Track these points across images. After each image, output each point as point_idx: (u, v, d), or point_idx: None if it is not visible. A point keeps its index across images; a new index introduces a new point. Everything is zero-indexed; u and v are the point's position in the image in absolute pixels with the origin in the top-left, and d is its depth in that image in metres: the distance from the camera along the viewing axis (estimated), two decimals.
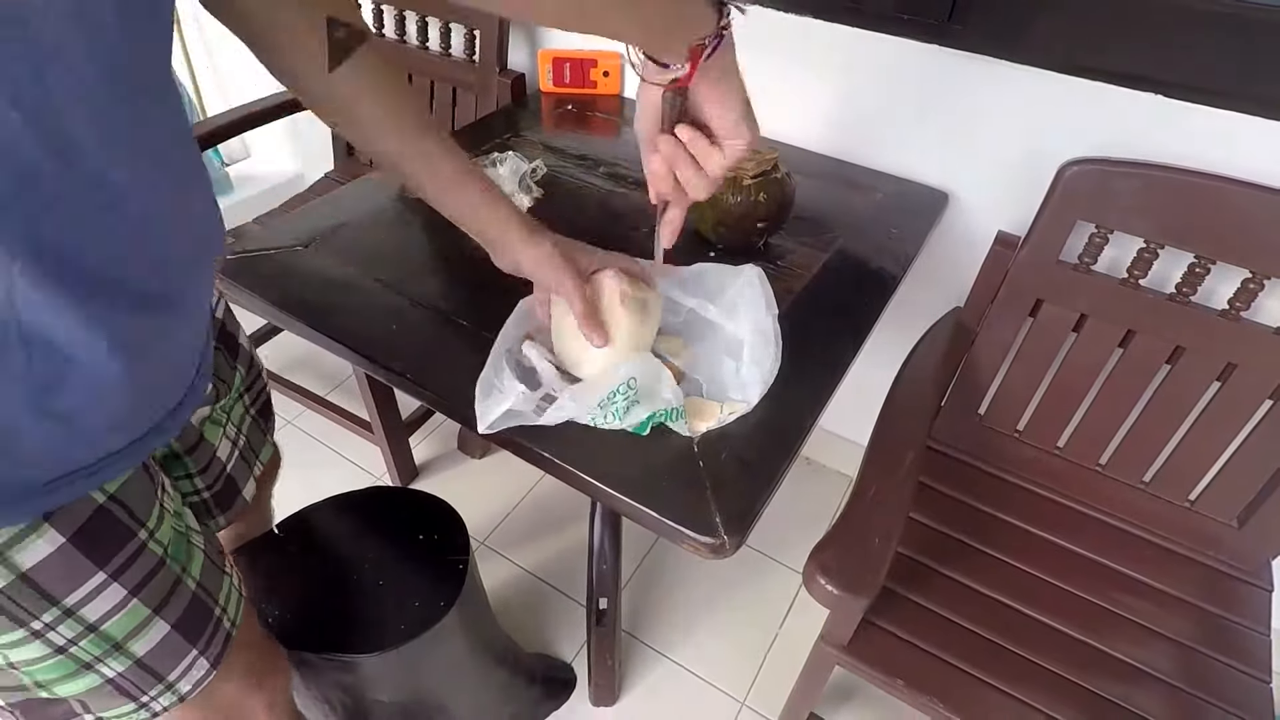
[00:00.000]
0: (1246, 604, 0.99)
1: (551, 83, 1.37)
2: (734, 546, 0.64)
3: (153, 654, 0.57)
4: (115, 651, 0.55)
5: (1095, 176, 0.93)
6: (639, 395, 0.69)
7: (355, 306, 0.86)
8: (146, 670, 0.57)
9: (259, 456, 0.83)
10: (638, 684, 1.30)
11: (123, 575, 0.53)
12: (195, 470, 0.73)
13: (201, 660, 0.61)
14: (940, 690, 0.88)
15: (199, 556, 0.62)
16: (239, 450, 0.78)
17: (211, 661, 0.62)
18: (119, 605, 0.54)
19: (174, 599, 0.58)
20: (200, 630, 0.61)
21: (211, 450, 0.74)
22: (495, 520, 1.54)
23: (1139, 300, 0.97)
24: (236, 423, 0.78)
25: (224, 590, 0.65)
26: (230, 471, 0.77)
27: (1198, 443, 1.01)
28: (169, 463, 0.71)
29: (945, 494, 1.10)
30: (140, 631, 0.55)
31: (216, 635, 0.63)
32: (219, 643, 0.63)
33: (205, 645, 0.61)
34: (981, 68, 1.02)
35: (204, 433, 0.72)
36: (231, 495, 0.79)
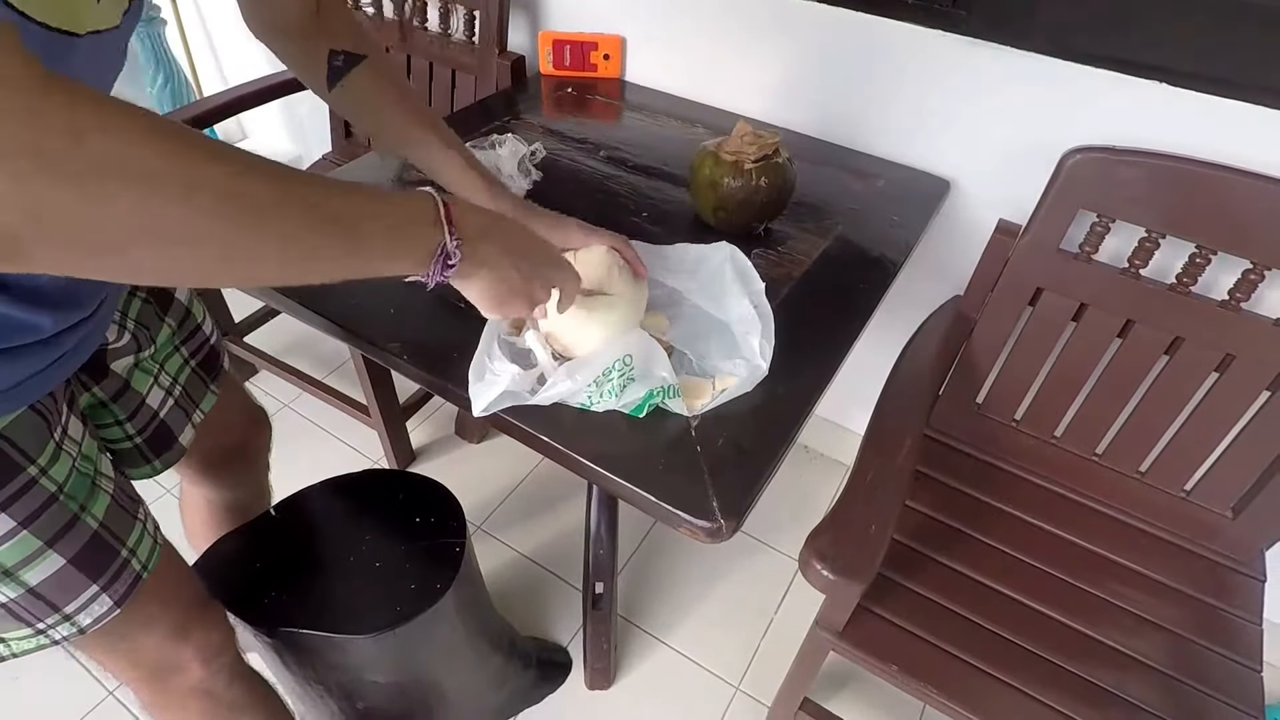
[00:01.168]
0: (1239, 594, 0.99)
1: (551, 65, 1.36)
2: (730, 531, 0.64)
3: (46, 584, 0.59)
4: (5, 578, 0.57)
5: (1098, 165, 0.92)
6: (635, 373, 0.69)
7: (353, 289, 0.85)
8: (40, 599, 0.59)
9: (199, 405, 0.84)
10: (633, 668, 1.31)
11: (10, 507, 0.55)
12: (124, 417, 0.75)
13: (104, 596, 0.63)
14: (934, 676, 0.88)
15: (103, 499, 0.63)
16: (174, 399, 0.80)
17: (115, 599, 0.64)
18: (7, 535, 0.56)
19: (70, 535, 0.59)
20: (101, 567, 0.62)
21: (139, 398, 0.76)
22: (492, 504, 1.54)
23: (1139, 290, 0.97)
24: (172, 373, 0.80)
25: (134, 534, 0.66)
26: (164, 418, 0.79)
27: (1195, 433, 1.01)
28: (94, 411, 0.73)
29: (942, 482, 1.10)
30: (31, 562, 0.58)
31: (122, 575, 0.64)
32: (124, 582, 0.65)
33: (108, 582, 0.63)
34: (985, 54, 1.02)
35: (130, 381, 0.75)
36: (167, 441, 0.81)
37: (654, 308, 0.82)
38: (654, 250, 0.84)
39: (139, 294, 0.75)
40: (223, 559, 0.92)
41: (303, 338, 1.86)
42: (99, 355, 0.70)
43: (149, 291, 0.76)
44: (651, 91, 1.35)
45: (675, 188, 1.07)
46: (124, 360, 0.74)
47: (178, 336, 0.80)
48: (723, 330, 0.78)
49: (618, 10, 1.31)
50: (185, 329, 0.82)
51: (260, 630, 0.86)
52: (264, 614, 0.86)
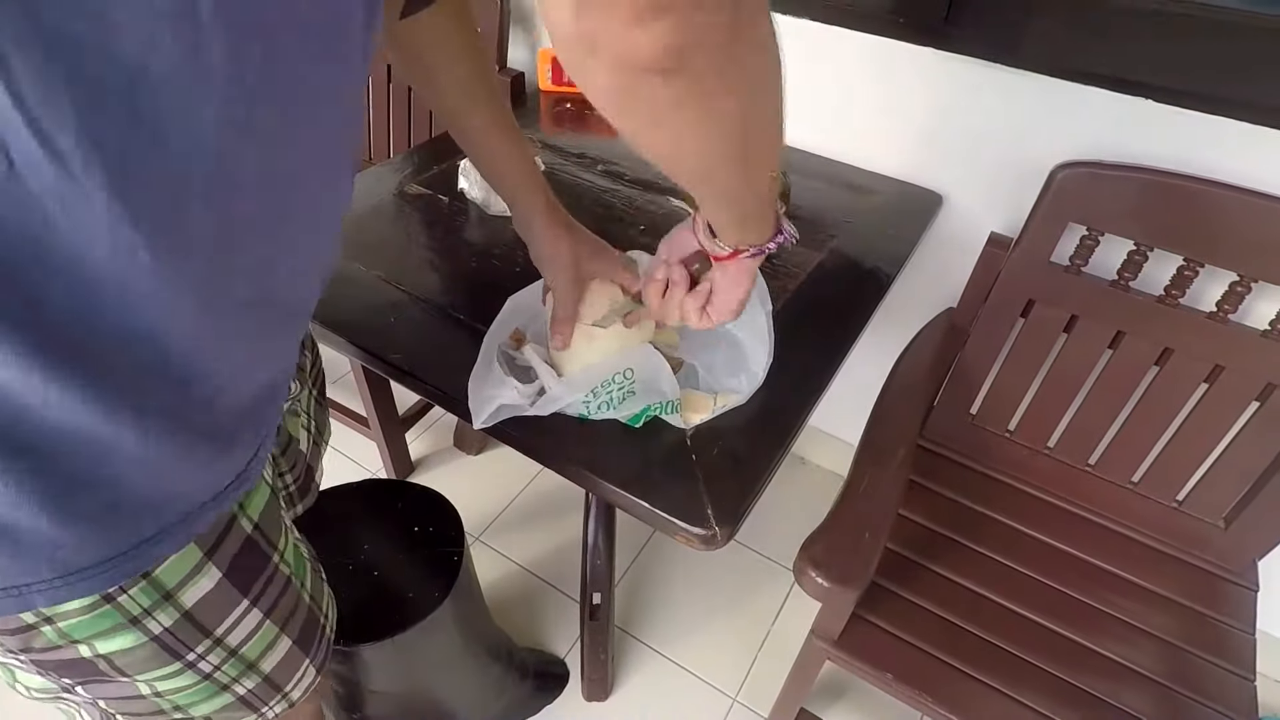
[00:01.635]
0: (1232, 603, 1.00)
1: (551, 81, 1.38)
2: (725, 538, 0.65)
3: (277, 669, 0.58)
4: (249, 671, 0.56)
5: (1087, 179, 0.94)
6: (635, 387, 0.70)
7: (354, 300, 0.86)
8: (270, 685, 0.59)
9: (324, 436, 0.82)
10: (630, 679, 1.31)
11: (261, 599, 0.55)
12: (287, 468, 0.73)
13: (310, 667, 0.63)
14: (929, 685, 0.89)
15: (308, 568, 0.63)
16: (311, 436, 0.78)
17: (318, 667, 0.64)
18: (256, 628, 0.55)
19: (295, 615, 0.59)
20: (311, 639, 0.62)
21: (297, 444, 0.74)
22: (490, 516, 1.55)
23: (1129, 302, 0.98)
24: (307, 409, 0.77)
25: (325, 597, 0.66)
26: (310, 461, 0.78)
27: (1186, 444, 1.02)
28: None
29: (936, 492, 1.11)
30: (269, 650, 0.57)
31: (323, 641, 0.64)
32: (324, 648, 0.65)
33: (314, 652, 0.63)
34: (975, 71, 1.04)
35: (288, 427, 0.72)
36: (309, 483, 0.79)
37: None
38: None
39: None
40: None
41: None
42: None
43: None
44: None
45: (672, 201, 1.08)
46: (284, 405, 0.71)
47: (312, 368, 0.77)
48: (732, 343, 0.79)
49: None
50: (313, 355, 0.78)
51: None
52: None
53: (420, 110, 1.46)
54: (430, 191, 1.07)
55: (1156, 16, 0.90)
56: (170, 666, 0.51)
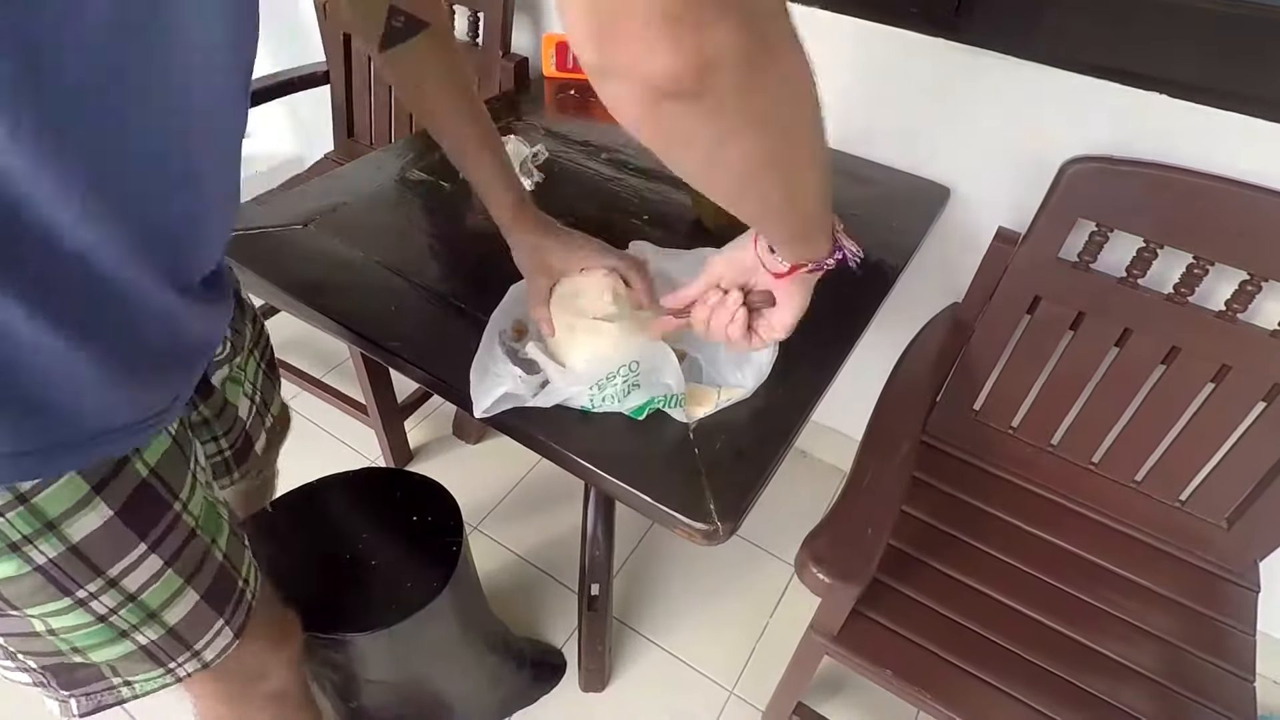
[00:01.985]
0: (1233, 604, 1.00)
1: (554, 67, 1.37)
2: (727, 533, 0.64)
3: (183, 623, 0.58)
4: (150, 620, 0.56)
5: (1097, 175, 0.93)
6: (640, 379, 0.69)
7: (354, 287, 0.85)
8: (177, 639, 0.59)
9: (270, 409, 0.83)
10: (627, 670, 1.31)
11: (160, 546, 0.54)
12: (220, 433, 0.74)
13: (226, 629, 0.63)
14: (928, 682, 0.89)
15: (225, 528, 0.63)
16: (255, 404, 0.79)
17: (235, 631, 0.64)
18: (155, 575, 0.55)
19: (203, 569, 0.59)
20: (225, 600, 0.62)
21: (235, 411, 0.75)
22: (489, 505, 1.54)
23: (1137, 300, 0.97)
24: (252, 378, 0.78)
25: (245, 561, 0.65)
26: (249, 429, 0.78)
27: (1190, 443, 1.01)
28: (198, 429, 0.71)
29: (938, 488, 1.10)
30: (173, 601, 0.57)
31: (240, 605, 0.64)
32: (242, 612, 0.64)
33: (230, 615, 0.63)
34: (986, 63, 1.02)
35: (226, 393, 0.73)
36: (247, 450, 0.80)
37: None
38: (673, 253, 0.84)
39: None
40: None
41: (301, 335, 1.86)
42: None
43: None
44: None
45: (676, 190, 1.07)
46: (220, 372, 0.72)
47: (253, 339, 0.78)
48: None
49: None
50: (257, 329, 0.79)
51: None
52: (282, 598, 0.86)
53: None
54: (432, 178, 1.06)
55: (1171, 9, 0.88)
56: (60, 602, 0.51)
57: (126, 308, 0.45)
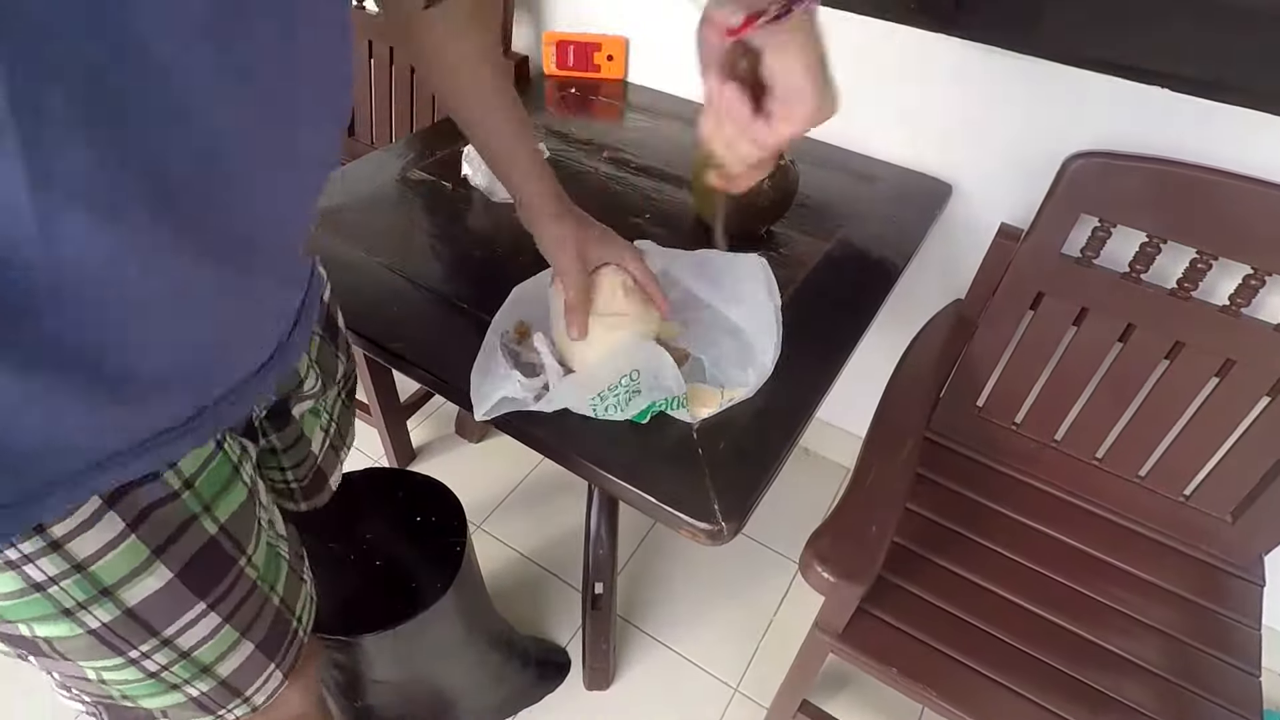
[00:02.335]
0: (1238, 598, 0.99)
1: (555, 66, 1.36)
2: (732, 533, 0.64)
3: (236, 674, 0.57)
4: (203, 674, 0.55)
5: (1100, 170, 0.92)
6: (640, 385, 0.69)
7: (356, 287, 0.85)
8: (228, 689, 0.57)
9: (346, 441, 0.80)
10: (632, 669, 1.31)
11: (220, 604, 0.53)
12: (289, 465, 0.72)
13: (277, 673, 0.61)
14: (933, 679, 0.89)
15: (284, 570, 0.60)
16: (329, 437, 0.76)
17: (285, 672, 0.62)
18: (213, 632, 0.53)
19: (260, 619, 0.57)
20: (279, 645, 0.60)
21: (308, 444, 0.72)
22: (492, 504, 1.55)
23: (1140, 295, 0.97)
24: (330, 410, 0.74)
25: (301, 599, 0.63)
26: (321, 464, 0.76)
27: (1194, 438, 1.01)
28: (264, 457, 0.69)
29: (942, 485, 1.10)
30: (227, 654, 0.55)
31: (291, 647, 0.62)
32: (293, 654, 0.62)
33: (282, 657, 0.61)
34: (988, 58, 1.02)
35: (303, 427, 0.70)
36: (320, 485, 0.77)
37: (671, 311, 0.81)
38: (675, 254, 0.84)
39: (317, 330, 0.66)
40: None
41: None
42: (283, 400, 0.65)
43: (324, 325, 0.68)
44: (655, 93, 1.35)
45: (678, 189, 1.07)
46: (302, 405, 0.68)
47: (344, 373, 0.74)
48: (739, 336, 0.78)
49: (622, 11, 1.31)
50: (350, 361, 0.75)
51: None
52: None
53: (423, 94, 1.44)
54: (433, 178, 1.06)
55: (1175, 3, 0.88)
56: (112, 660, 0.50)
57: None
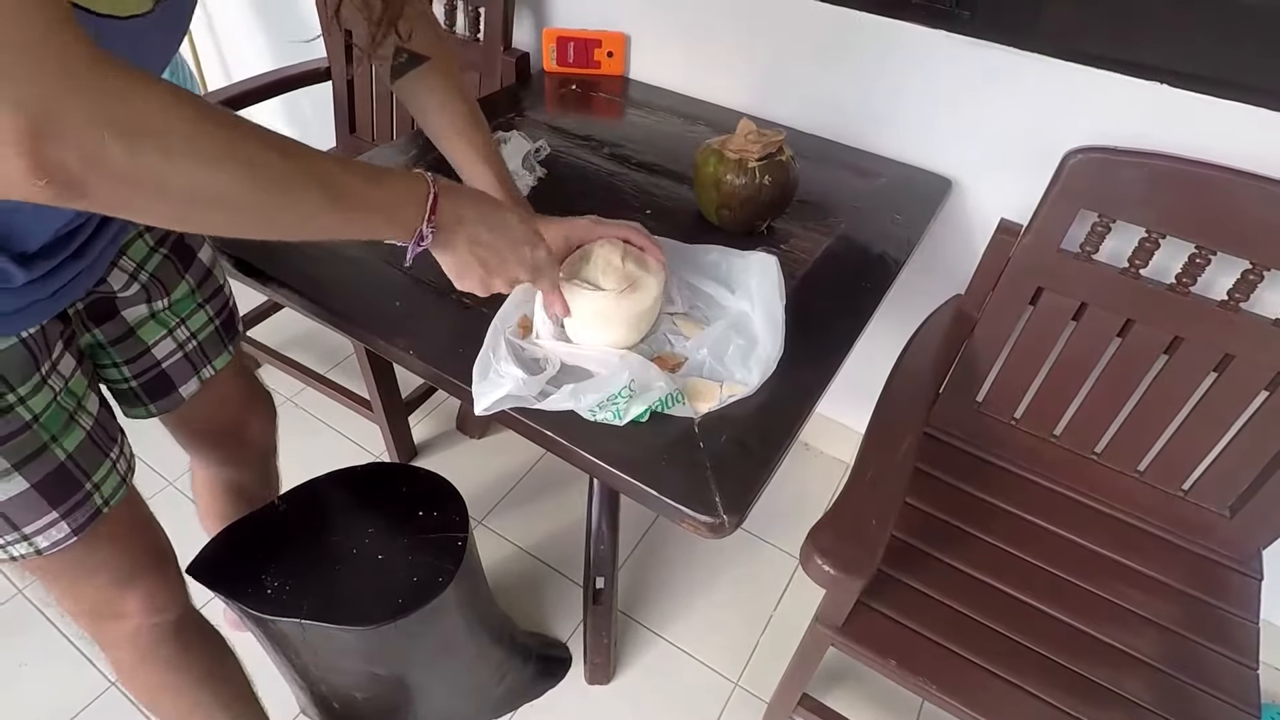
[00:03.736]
0: (1235, 592, 1.00)
1: (555, 62, 1.37)
2: (733, 526, 0.64)
3: (9, 503, 0.63)
4: None
5: (1099, 165, 0.93)
6: (635, 388, 0.70)
7: (358, 283, 0.86)
8: (2, 517, 0.63)
9: (212, 362, 0.88)
10: (633, 663, 1.31)
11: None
12: (120, 360, 0.79)
13: (62, 523, 0.66)
14: (932, 672, 0.89)
15: (77, 433, 0.67)
16: (185, 353, 0.84)
17: (73, 528, 0.67)
18: None
19: (37, 461, 0.63)
20: (63, 496, 0.66)
21: (143, 346, 0.80)
22: (493, 500, 1.55)
23: (1139, 290, 0.97)
24: (193, 329, 0.84)
25: (101, 470, 0.69)
26: (166, 368, 0.83)
27: (1193, 433, 1.01)
28: (96, 352, 0.78)
29: (941, 480, 1.11)
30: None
31: (82, 506, 0.68)
32: (84, 513, 0.68)
33: (68, 510, 0.66)
34: (988, 54, 1.02)
35: (137, 330, 0.79)
36: (165, 389, 0.84)
37: (680, 310, 0.83)
38: (685, 248, 0.84)
39: (160, 250, 0.78)
40: (227, 548, 0.92)
41: (306, 332, 1.86)
42: (107, 301, 0.75)
43: (171, 248, 0.79)
44: (655, 89, 1.35)
45: (678, 185, 1.07)
46: (135, 310, 0.78)
47: (199, 295, 0.84)
48: (745, 332, 0.78)
49: (622, 7, 1.32)
50: (207, 288, 0.85)
51: (262, 618, 0.86)
52: (267, 602, 0.86)
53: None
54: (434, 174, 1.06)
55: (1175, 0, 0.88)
56: None
57: None
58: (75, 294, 0.67)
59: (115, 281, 0.74)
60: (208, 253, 0.85)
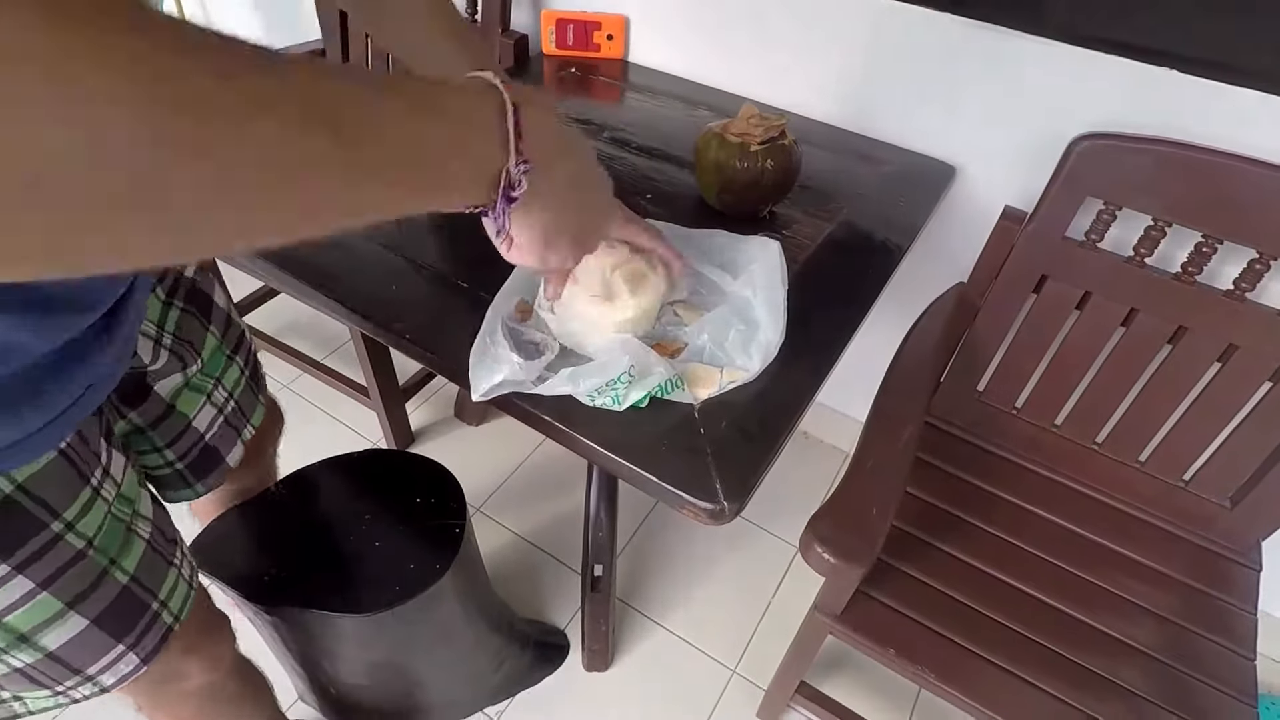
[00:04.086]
0: (1235, 583, 1.00)
1: (554, 45, 1.35)
2: (733, 513, 0.64)
3: (67, 647, 0.55)
4: (21, 644, 0.53)
5: (1106, 152, 0.92)
6: (635, 373, 0.69)
7: (355, 268, 0.84)
8: (59, 663, 0.55)
9: (250, 420, 0.81)
10: (631, 651, 1.32)
11: (30, 568, 0.50)
12: (163, 444, 0.71)
13: (130, 655, 0.59)
14: (931, 660, 0.89)
15: (138, 547, 0.59)
16: (225, 416, 0.76)
17: (142, 657, 0.60)
18: (24, 598, 0.51)
19: (96, 594, 0.55)
20: (130, 625, 0.58)
21: (185, 421, 0.71)
22: (491, 486, 1.55)
23: (1144, 279, 0.97)
24: (229, 388, 0.75)
25: (167, 582, 0.62)
26: (210, 440, 0.75)
27: (1195, 423, 1.01)
28: (132, 438, 0.68)
29: (941, 469, 1.10)
30: (51, 625, 0.53)
31: (151, 629, 0.60)
32: (154, 637, 0.61)
33: (136, 640, 0.59)
34: (994, 38, 1.01)
35: (176, 404, 0.70)
36: (213, 463, 0.77)
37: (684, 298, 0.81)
38: (685, 233, 0.83)
39: (175, 302, 0.68)
40: (223, 535, 0.92)
41: (302, 318, 1.85)
42: (136, 378, 0.66)
43: (186, 299, 0.69)
44: (655, 73, 1.34)
45: (679, 170, 1.06)
46: (169, 381, 0.69)
47: (226, 345, 0.74)
48: (746, 317, 0.77)
49: None
50: (232, 336, 0.76)
51: (259, 607, 0.86)
52: (264, 591, 0.86)
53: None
54: None
55: None
56: None
57: None
58: (113, 379, 0.56)
59: (143, 353, 0.64)
60: (223, 295, 0.75)
